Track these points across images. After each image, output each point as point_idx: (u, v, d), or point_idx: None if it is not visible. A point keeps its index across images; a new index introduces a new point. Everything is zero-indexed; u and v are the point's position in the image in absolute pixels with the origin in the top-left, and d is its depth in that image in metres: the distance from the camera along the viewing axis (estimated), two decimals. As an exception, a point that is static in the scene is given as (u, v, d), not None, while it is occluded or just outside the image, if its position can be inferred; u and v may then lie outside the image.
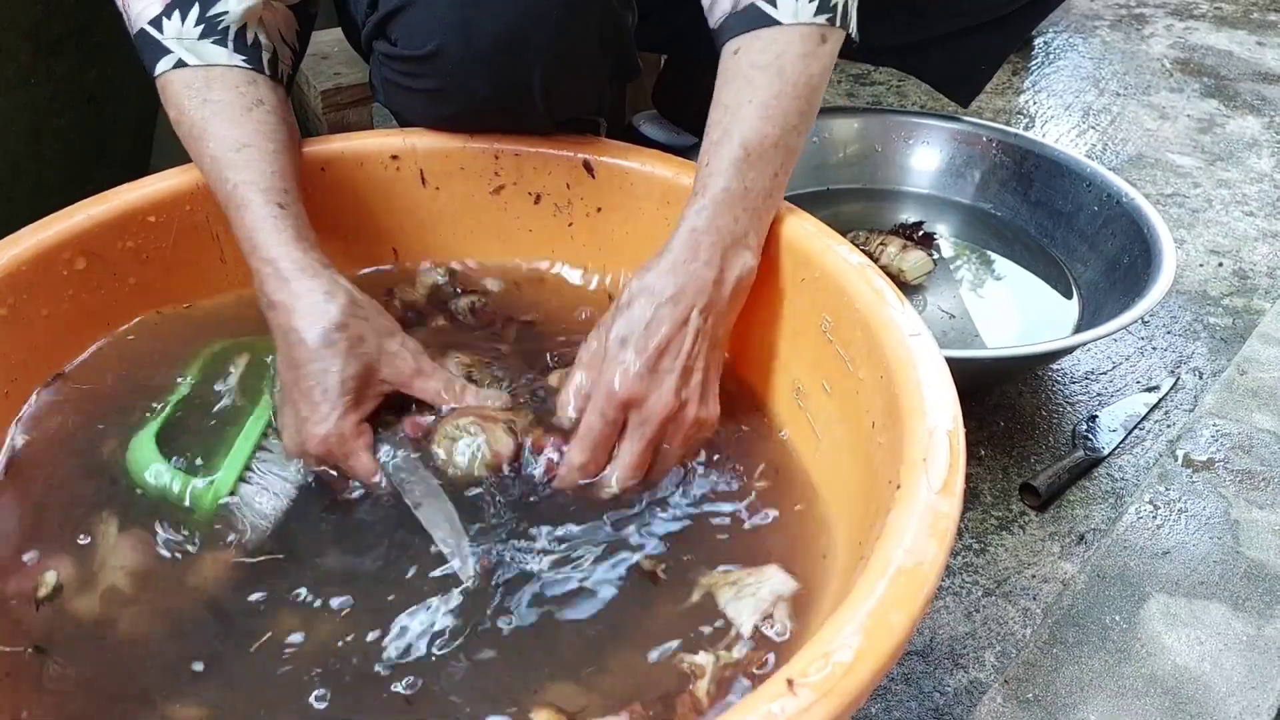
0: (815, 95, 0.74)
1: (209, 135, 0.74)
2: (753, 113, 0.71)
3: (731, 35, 0.74)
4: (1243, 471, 0.93)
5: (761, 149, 0.71)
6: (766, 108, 0.71)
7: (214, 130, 0.73)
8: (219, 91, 0.74)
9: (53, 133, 1.09)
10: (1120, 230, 1.10)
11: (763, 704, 0.43)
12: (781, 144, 0.72)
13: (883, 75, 1.77)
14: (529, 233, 0.89)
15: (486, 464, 0.68)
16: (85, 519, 0.66)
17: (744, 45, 0.73)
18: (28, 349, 0.72)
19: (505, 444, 0.69)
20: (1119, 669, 0.76)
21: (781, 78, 0.72)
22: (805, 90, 0.73)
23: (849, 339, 0.68)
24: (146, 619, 0.60)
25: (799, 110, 0.73)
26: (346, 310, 0.67)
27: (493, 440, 0.69)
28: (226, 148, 0.73)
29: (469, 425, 0.69)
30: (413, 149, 0.86)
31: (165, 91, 0.76)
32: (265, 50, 0.77)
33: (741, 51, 0.73)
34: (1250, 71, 1.83)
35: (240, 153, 0.72)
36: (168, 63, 0.75)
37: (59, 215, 0.75)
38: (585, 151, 0.85)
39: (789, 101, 0.72)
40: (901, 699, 0.78)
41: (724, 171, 0.71)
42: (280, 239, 0.69)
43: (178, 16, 0.74)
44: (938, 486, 0.53)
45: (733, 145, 0.71)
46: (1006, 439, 1.02)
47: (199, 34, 0.74)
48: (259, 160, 0.72)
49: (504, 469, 0.68)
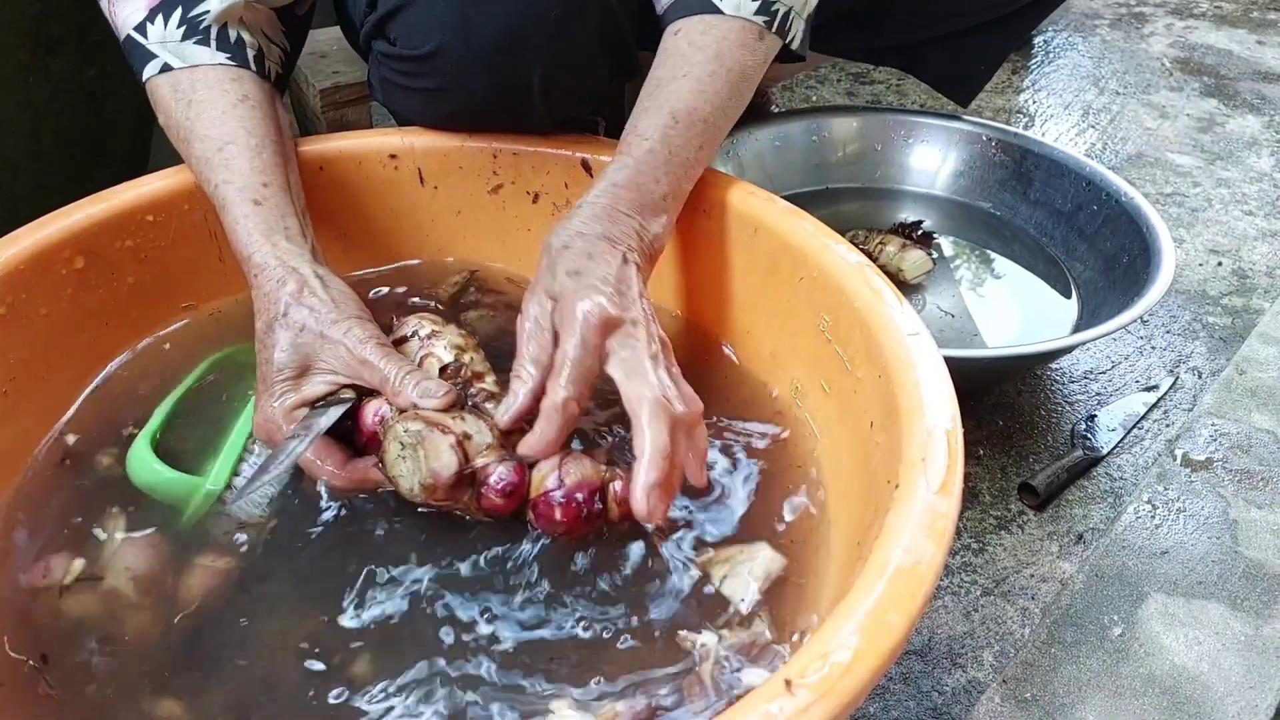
0: (746, 85, 0.77)
1: (194, 137, 0.74)
2: (685, 86, 0.74)
3: (675, 17, 0.77)
4: (1241, 471, 0.93)
5: (690, 120, 0.73)
6: (700, 83, 0.74)
7: (198, 131, 0.74)
8: (203, 91, 0.75)
9: (51, 132, 1.09)
10: (1119, 229, 1.10)
11: (761, 704, 0.43)
12: (710, 121, 0.74)
13: (882, 74, 1.77)
14: (527, 232, 0.89)
15: (423, 485, 0.60)
16: (90, 522, 0.66)
17: (685, 27, 0.76)
18: (26, 348, 0.72)
19: (445, 463, 0.59)
20: (1117, 669, 0.76)
21: (718, 60, 0.74)
22: (738, 77, 0.75)
23: (847, 338, 0.68)
24: (148, 622, 0.60)
25: (729, 93, 0.75)
26: (291, 297, 0.66)
27: (431, 456, 0.59)
28: (210, 148, 0.73)
29: (409, 434, 0.60)
30: (411, 148, 0.86)
31: (154, 96, 0.77)
32: (249, 47, 0.77)
33: (682, 32, 0.76)
34: (1250, 70, 1.83)
35: (222, 152, 0.73)
36: (154, 67, 0.75)
37: (58, 214, 0.75)
38: (584, 151, 0.85)
39: (721, 83, 0.74)
40: (900, 698, 0.78)
41: (650, 135, 0.72)
42: (251, 235, 0.70)
43: (161, 20, 0.75)
44: (936, 486, 0.53)
45: (662, 113, 0.73)
46: (1005, 438, 1.02)
47: (181, 35, 0.75)
48: (239, 158, 0.72)
49: (440, 494, 0.61)
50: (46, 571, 0.63)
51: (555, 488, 0.60)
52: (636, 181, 0.71)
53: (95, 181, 0.80)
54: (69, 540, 0.65)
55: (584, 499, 0.60)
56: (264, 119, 0.76)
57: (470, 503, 0.62)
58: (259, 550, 0.64)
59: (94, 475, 0.69)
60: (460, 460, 0.60)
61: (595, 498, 0.60)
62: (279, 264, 0.68)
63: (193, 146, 0.74)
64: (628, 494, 0.58)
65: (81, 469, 0.70)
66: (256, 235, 0.70)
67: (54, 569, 0.63)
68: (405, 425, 0.60)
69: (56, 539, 0.65)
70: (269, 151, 0.74)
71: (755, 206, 0.77)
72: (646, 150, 0.72)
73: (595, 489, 0.61)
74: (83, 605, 0.61)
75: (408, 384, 0.63)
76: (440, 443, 0.60)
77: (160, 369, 0.77)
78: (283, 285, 0.67)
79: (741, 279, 0.79)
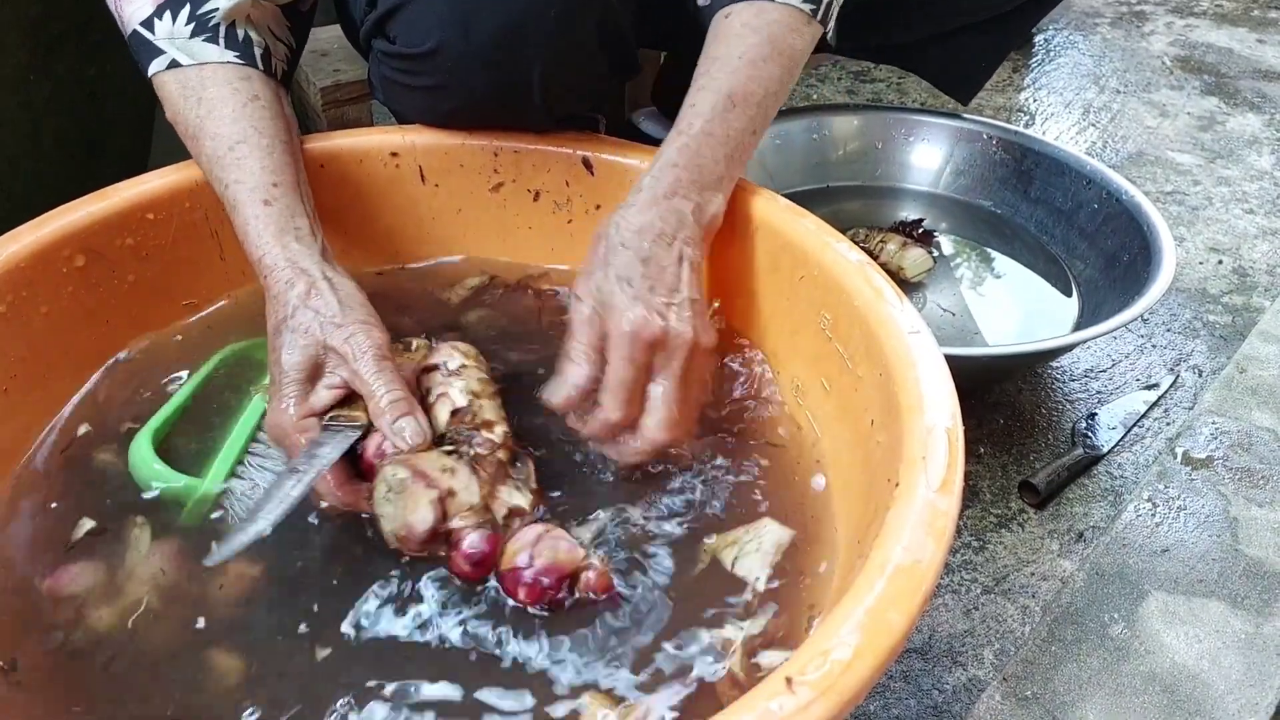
0: (796, 68, 0.78)
1: (204, 134, 0.74)
2: (741, 67, 0.75)
3: (724, 3, 0.77)
4: (1242, 469, 0.93)
5: (746, 102, 0.74)
6: (754, 65, 0.75)
7: (209, 129, 0.74)
8: (213, 89, 0.75)
9: (52, 131, 1.09)
10: (1120, 228, 1.10)
11: (761, 702, 0.43)
12: (763, 104, 0.75)
13: (883, 73, 1.77)
14: (528, 230, 0.89)
15: (396, 535, 0.60)
16: (89, 518, 0.66)
17: (736, 10, 0.77)
18: (26, 346, 0.72)
19: (420, 518, 0.59)
20: (1117, 667, 0.76)
21: (772, 43, 0.75)
22: (788, 60, 0.77)
23: (848, 336, 0.68)
24: (164, 630, 0.60)
25: (781, 76, 0.76)
26: (299, 299, 0.67)
27: (409, 508, 0.59)
28: (221, 147, 0.73)
29: (395, 480, 0.60)
30: (412, 146, 0.86)
31: (161, 91, 0.76)
32: (257, 46, 0.77)
33: (734, 15, 0.77)
34: (1251, 69, 1.83)
35: (233, 151, 0.73)
36: (161, 63, 0.75)
37: (58, 212, 0.75)
38: (584, 148, 0.85)
39: (774, 67, 0.76)
40: (900, 696, 0.78)
41: (706, 114, 0.73)
42: (263, 236, 0.70)
43: (169, 17, 0.74)
44: (936, 484, 0.53)
45: (719, 92, 0.74)
46: (1006, 437, 1.02)
47: (190, 32, 0.75)
48: (250, 158, 0.73)
49: (413, 545, 0.60)
50: (44, 565, 0.62)
51: (525, 566, 0.59)
52: (696, 162, 0.72)
53: (95, 180, 0.80)
54: (65, 535, 0.65)
55: (550, 584, 0.59)
56: (274, 118, 0.76)
57: (446, 556, 0.61)
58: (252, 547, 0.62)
59: (93, 472, 0.69)
60: (437, 518, 0.59)
61: (563, 584, 0.59)
62: (289, 265, 0.68)
63: (203, 144, 0.74)
64: (601, 586, 0.60)
65: (81, 466, 0.70)
66: (267, 236, 0.70)
67: (73, 578, 0.62)
68: (395, 470, 0.60)
69: (54, 535, 0.65)
70: (279, 151, 0.74)
71: (756, 205, 0.77)
72: (703, 130, 0.73)
73: (564, 576, 0.59)
74: (99, 615, 0.61)
75: (386, 416, 0.63)
76: (421, 497, 0.59)
77: (161, 367, 0.77)
78: (291, 287, 0.67)
79: (741, 277, 0.79)
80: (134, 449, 0.69)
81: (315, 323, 0.65)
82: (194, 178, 0.79)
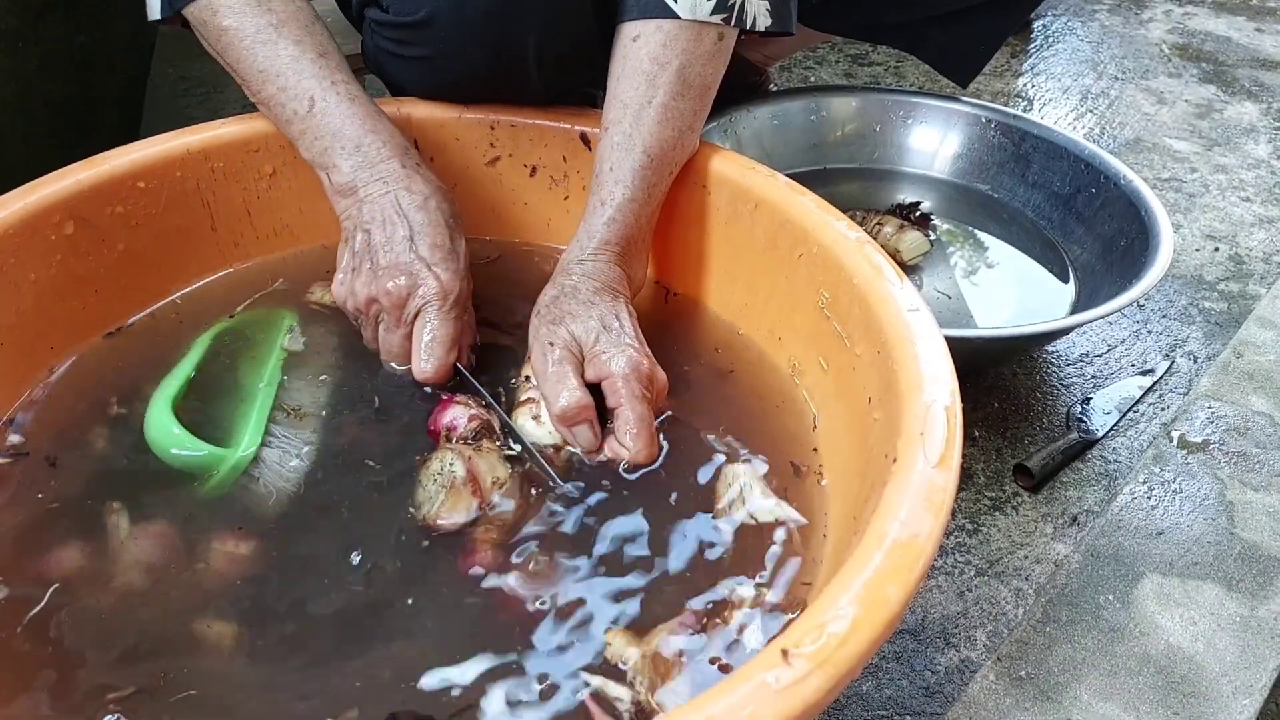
0: (711, 94, 0.78)
1: (283, 41, 0.75)
2: (654, 116, 0.74)
3: (630, 17, 0.75)
4: (1237, 453, 0.93)
5: (662, 154, 0.75)
6: (667, 110, 0.74)
7: (287, 36, 0.76)
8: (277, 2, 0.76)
9: (42, 98, 1.08)
10: (1117, 213, 1.09)
11: (758, 674, 0.42)
12: (679, 144, 0.76)
13: (881, 55, 1.76)
14: (524, 205, 0.88)
15: (423, 515, 0.62)
16: (96, 505, 0.64)
17: (644, 34, 0.74)
18: (15, 314, 0.71)
19: (451, 520, 0.60)
20: (1112, 648, 0.76)
21: (683, 80, 0.74)
22: (702, 91, 0.76)
23: (846, 315, 0.68)
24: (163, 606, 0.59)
25: (694, 110, 0.76)
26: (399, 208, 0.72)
27: (447, 505, 0.60)
28: (311, 51, 0.76)
29: (448, 470, 0.61)
30: (408, 118, 0.85)
31: (208, 15, 0.76)
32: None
33: (642, 41, 0.75)
34: (1248, 57, 1.82)
35: (326, 59, 0.77)
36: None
37: (47, 179, 0.74)
38: (582, 124, 0.84)
39: (688, 104, 0.75)
40: (893, 676, 0.78)
41: (627, 180, 0.74)
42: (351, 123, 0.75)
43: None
44: (935, 460, 0.52)
45: (636, 152, 0.74)
46: (1001, 420, 1.02)
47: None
48: (342, 64, 0.77)
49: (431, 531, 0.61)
50: (58, 562, 0.61)
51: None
52: (624, 235, 0.74)
53: (86, 148, 0.79)
54: (54, 517, 0.63)
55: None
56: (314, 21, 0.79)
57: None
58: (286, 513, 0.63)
59: (85, 450, 0.68)
60: (465, 524, 0.61)
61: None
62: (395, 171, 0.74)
63: (285, 50, 0.75)
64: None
65: (71, 442, 0.68)
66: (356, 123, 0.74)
67: (65, 558, 0.61)
68: (451, 460, 0.62)
69: (63, 527, 0.63)
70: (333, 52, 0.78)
71: (755, 182, 0.77)
72: (627, 199, 0.74)
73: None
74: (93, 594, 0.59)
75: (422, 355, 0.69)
76: (463, 503, 0.61)
77: (151, 341, 0.76)
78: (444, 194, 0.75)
79: (739, 255, 0.79)
80: (152, 417, 0.68)
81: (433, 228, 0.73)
82: (186, 146, 0.78)
